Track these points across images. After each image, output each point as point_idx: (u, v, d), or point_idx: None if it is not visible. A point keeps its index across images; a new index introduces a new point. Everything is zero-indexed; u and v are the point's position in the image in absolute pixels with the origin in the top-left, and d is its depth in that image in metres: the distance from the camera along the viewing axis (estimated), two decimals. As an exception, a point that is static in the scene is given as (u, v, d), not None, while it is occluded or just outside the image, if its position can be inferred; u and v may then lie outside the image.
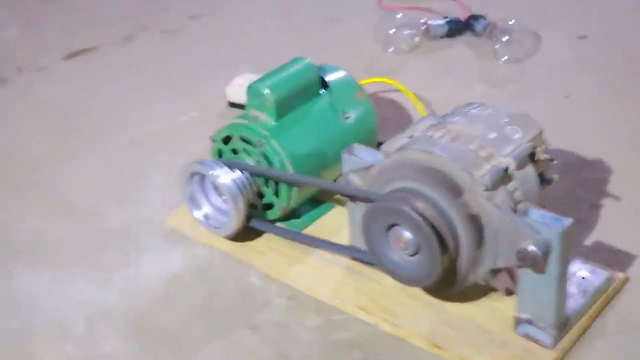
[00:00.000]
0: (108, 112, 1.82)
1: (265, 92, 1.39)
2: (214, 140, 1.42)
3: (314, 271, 1.36)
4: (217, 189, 1.39)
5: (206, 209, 1.42)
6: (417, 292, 1.29)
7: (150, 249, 1.44)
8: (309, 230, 1.42)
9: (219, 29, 2.13)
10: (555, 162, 1.27)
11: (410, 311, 1.28)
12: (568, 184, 1.48)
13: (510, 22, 1.92)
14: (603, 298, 1.27)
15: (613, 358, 1.21)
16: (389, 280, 1.28)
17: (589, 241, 1.39)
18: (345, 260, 1.36)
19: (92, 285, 1.38)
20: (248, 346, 1.26)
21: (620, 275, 1.30)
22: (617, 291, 1.29)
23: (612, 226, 1.42)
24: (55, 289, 1.38)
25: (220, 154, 1.42)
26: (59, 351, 1.27)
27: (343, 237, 1.36)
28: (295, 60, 1.46)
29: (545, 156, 1.25)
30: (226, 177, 1.36)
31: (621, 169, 1.54)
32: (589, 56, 1.93)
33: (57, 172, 1.64)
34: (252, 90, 1.41)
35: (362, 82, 1.55)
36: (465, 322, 1.25)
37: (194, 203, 1.42)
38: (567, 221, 1.13)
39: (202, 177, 1.40)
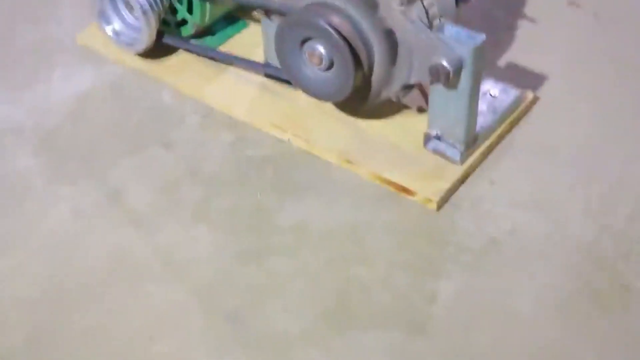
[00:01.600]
0: None
1: None
2: (124, -45, 1.37)
3: (228, 89, 1.35)
4: (127, 4, 1.35)
5: (117, 24, 1.38)
6: (332, 110, 1.29)
7: (61, 67, 1.41)
8: (224, 48, 1.40)
9: None
10: (471, -21, 1.26)
11: (324, 128, 1.28)
12: (485, 4, 1.47)
13: None
14: (512, 117, 1.28)
15: (520, 174, 1.24)
16: (303, 99, 1.27)
17: (502, 62, 1.39)
18: (259, 79, 1.35)
19: (1, 103, 1.35)
20: (161, 163, 1.26)
21: (530, 94, 1.31)
22: (527, 110, 1.31)
23: (526, 48, 1.42)
24: (-38, 106, 1.35)
25: (131, -31, 1.37)
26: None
27: (258, 55, 1.34)
28: None
29: (462, -28, 1.24)
30: (137, -8, 1.32)
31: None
32: None
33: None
34: None
35: None
36: (377, 139, 1.26)
37: (105, 19, 1.38)
38: (480, 38, 1.13)
39: (113, -8, 1.36)
